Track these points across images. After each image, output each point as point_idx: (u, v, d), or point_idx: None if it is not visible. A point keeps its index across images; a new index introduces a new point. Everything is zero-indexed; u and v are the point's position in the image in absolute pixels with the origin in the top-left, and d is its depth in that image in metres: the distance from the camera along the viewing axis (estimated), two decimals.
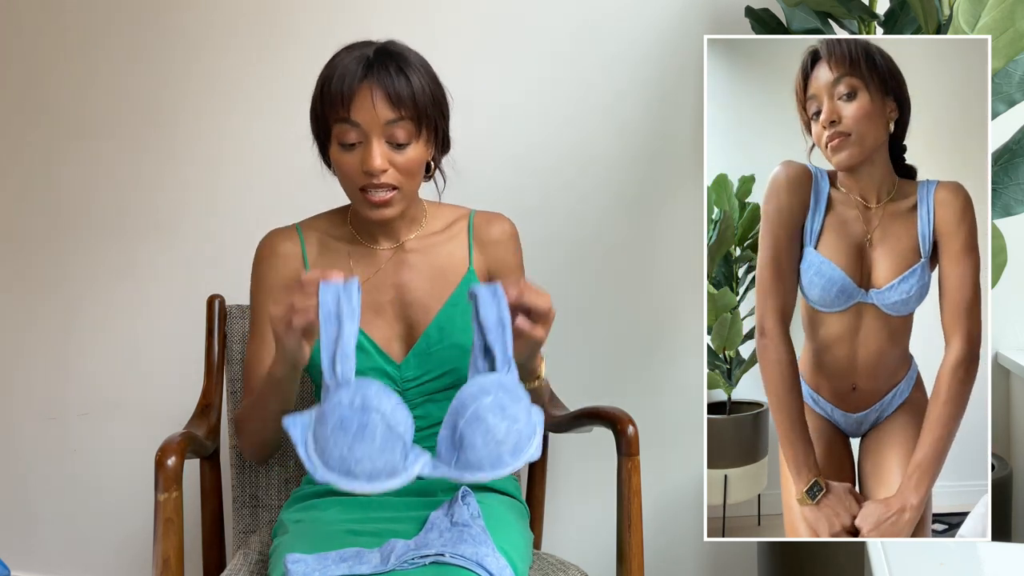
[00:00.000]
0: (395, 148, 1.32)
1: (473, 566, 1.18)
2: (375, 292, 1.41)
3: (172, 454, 1.27)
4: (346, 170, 1.34)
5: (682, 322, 1.97)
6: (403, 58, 1.33)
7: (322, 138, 1.38)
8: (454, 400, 1.11)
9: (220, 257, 2.14)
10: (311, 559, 1.19)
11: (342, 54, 1.35)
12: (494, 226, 1.48)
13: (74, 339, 2.27)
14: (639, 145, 1.96)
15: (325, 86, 1.32)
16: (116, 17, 2.20)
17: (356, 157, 1.32)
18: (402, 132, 1.31)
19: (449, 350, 1.40)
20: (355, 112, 1.30)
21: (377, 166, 1.31)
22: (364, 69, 1.31)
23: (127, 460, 2.23)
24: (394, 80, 1.30)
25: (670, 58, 1.94)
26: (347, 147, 1.33)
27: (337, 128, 1.32)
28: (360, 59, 1.32)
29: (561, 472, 2.02)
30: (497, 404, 1.10)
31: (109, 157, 2.22)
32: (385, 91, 1.30)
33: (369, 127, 1.30)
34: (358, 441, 1.05)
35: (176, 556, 1.26)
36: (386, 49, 1.34)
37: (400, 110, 1.30)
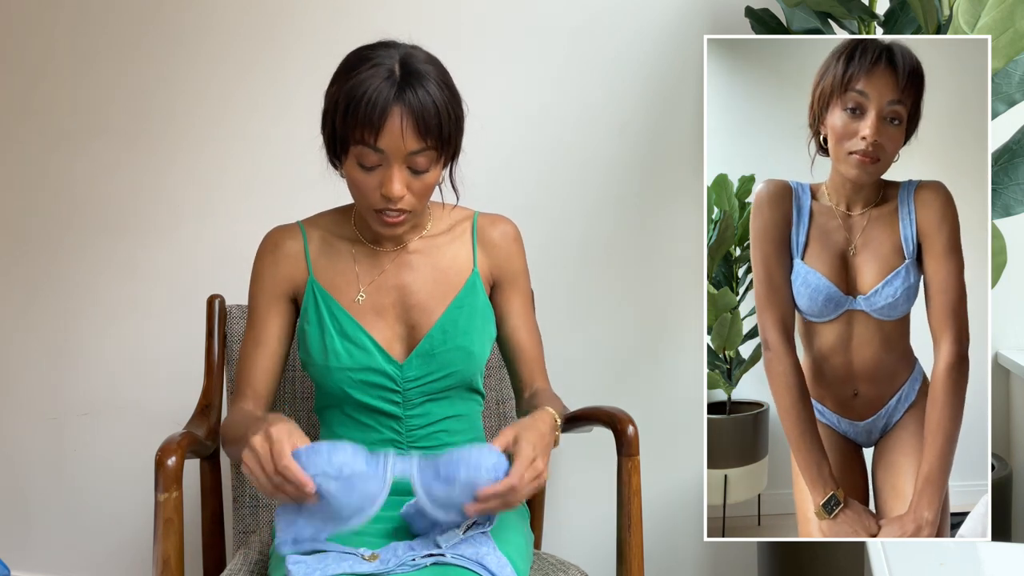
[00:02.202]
0: (414, 174, 1.31)
1: (474, 566, 1.18)
2: (377, 293, 1.41)
3: (172, 454, 1.27)
4: (362, 189, 1.31)
5: (682, 322, 1.97)
6: (429, 76, 1.29)
7: (336, 148, 1.33)
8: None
9: (220, 257, 2.14)
10: (312, 559, 1.20)
11: (364, 68, 1.28)
12: (498, 228, 1.48)
13: (74, 339, 2.27)
14: (639, 145, 1.96)
15: (351, 106, 1.26)
16: (116, 17, 2.20)
17: (375, 179, 1.30)
18: (424, 160, 1.29)
19: (452, 352, 1.40)
20: (382, 140, 1.26)
21: (397, 194, 1.29)
22: (394, 91, 1.25)
23: (127, 460, 2.23)
24: (423, 107, 1.26)
25: (670, 58, 1.94)
26: (366, 168, 1.29)
27: (358, 149, 1.28)
28: (387, 78, 1.26)
29: (561, 472, 2.02)
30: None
31: (109, 157, 2.22)
32: (414, 121, 1.26)
33: (393, 155, 1.28)
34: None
35: (176, 556, 1.26)
36: (412, 65, 1.29)
37: (426, 140, 1.28)
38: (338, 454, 1.14)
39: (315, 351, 1.39)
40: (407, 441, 1.40)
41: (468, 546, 1.21)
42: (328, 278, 1.42)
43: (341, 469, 1.13)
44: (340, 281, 1.42)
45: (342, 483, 1.14)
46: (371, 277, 1.42)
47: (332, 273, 1.42)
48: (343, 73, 1.30)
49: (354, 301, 1.40)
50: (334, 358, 1.37)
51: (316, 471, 1.13)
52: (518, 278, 1.49)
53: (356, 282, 1.42)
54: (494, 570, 1.19)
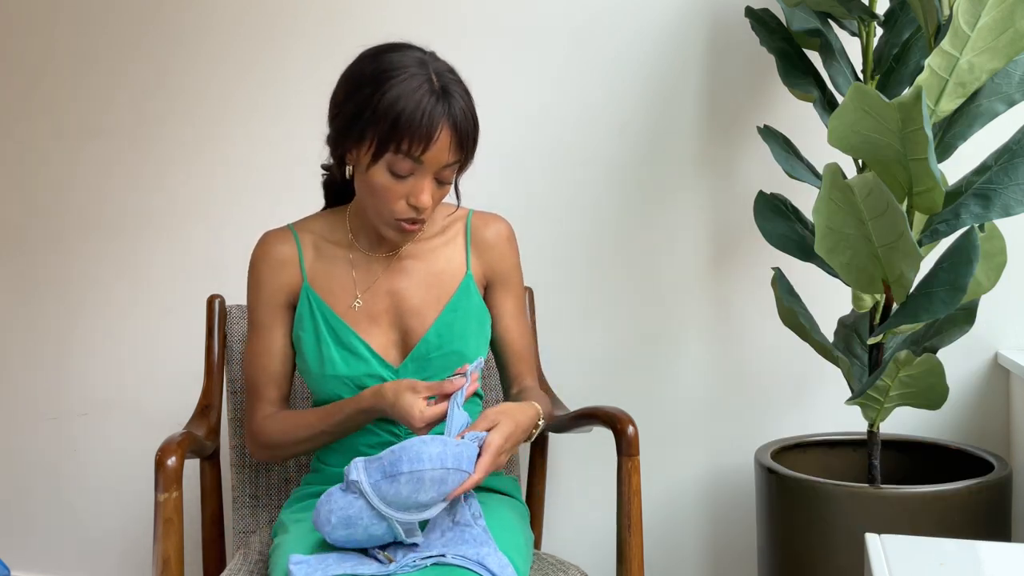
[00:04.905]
0: (438, 184, 1.32)
1: (474, 566, 1.18)
2: (372, 299, 1.41)
3: (172, 454, 1.27)
4: (387, 196, 1.30)
5: (682, 322, 1.97)
6: (460, 87, 1.30)
7: (355, 150, 1.31)
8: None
9: (220, 257, 2.14)
10: (313, 559, 1.20)
11: (400, 76, 1.26)
12: (491, 228, 1.48)
13: (74, 339, 2.27)
14: (639, 145, 1.96)
15: (401, 117, 1.24)
16: (116, 17, 2.20)
17: (404, 188, 1.30)
18: (450, 172, 1.31)
19: (448, 356, 1.40)
20: (429, 153, 1.26)
21: (426, 204, 1.30)
22: (444, 106, 1.26)
23: (127, 460, 2.23)
24: (466, 122, 1.28)
25: (670, 58, 1.94)
26: (398, 177, 1.29)
27: (395, 157, 1.27)
28: (431, 91, 1.26)
29: (561, 472, 2.02)
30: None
31: (109, 158, 2.22)
32: (459, 136, 1.27)
33: (430, 166, 1.28)
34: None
35: (176, 556, 1.26)
36: (445, 76, 1.29)
37: (461, 153, 1.29)
38: (325, 506, 1.20)
39: (311, 359, 1.39)
40: None
41: (469, 546, 1.21)
42: (323, 284, 1.42)
43: (339, 516, 1.18)
44: (335, 287, 1.42)
45: (349, 530, 1.19)
46: (367, 283, 1.42)
47: (327, 279, 1.42)
48: (375, 79, 1.28)
49: (350, 307, 1.40)
50: (330, 366, 1.38)
51: (324, 525, 1.19)
52: (511, 278, 1.49)
53: (352, 288, 1.42)
54: (495, 570, 1.19)
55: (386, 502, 1.17)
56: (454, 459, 1.18)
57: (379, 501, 1.17)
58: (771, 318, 1.91)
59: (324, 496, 1.21)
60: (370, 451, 1.40)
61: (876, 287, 1.48)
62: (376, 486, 1.17)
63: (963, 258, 1.40)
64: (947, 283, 1.41)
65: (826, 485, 1.52)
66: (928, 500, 1.46)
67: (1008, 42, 1.40)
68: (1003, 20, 1.39)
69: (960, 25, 1.39)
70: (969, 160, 1.63)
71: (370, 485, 1.17)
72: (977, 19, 1.39)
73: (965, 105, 1.49)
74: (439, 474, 1.16)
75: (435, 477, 1.16)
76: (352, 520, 1.18)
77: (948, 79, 1.43)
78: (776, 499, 1.60)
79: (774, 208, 1.65)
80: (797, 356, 1.90)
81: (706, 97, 1.93)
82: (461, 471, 1.19)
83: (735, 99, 1.92)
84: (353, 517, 1.18)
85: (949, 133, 1.51)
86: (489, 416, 1.26)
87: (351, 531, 1.18)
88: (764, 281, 1.90)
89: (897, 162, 1.39)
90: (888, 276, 1.45)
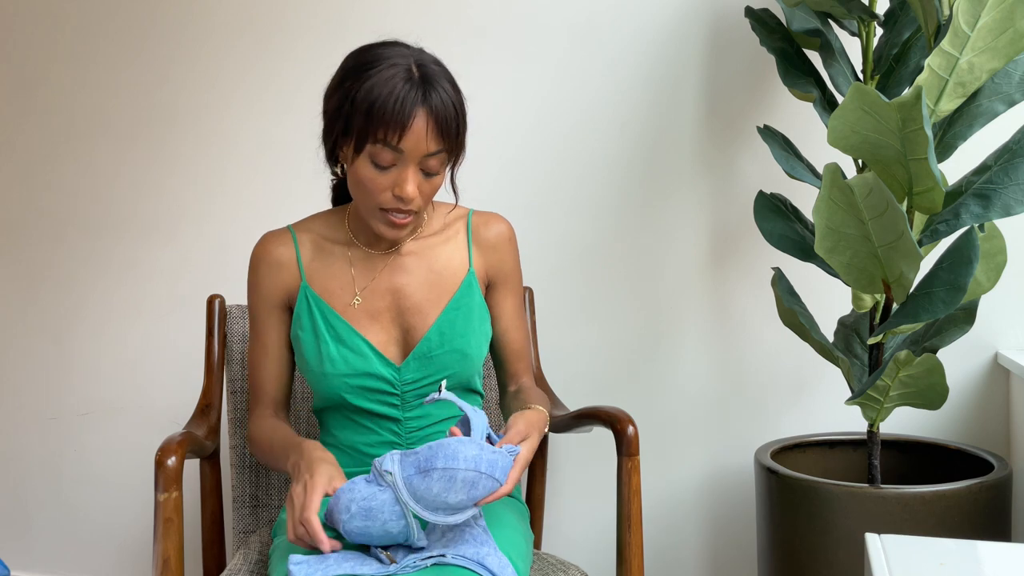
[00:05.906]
0: (425, 176, 1.31)
1: (474, 566, 1.18)
2: (372, 297, 1.41)
3: (172, 454, 1.27)
4: (372, 188, 1.30)
5: (682, 322, 1.97)
6: (443, 77, 1.30)
7: (342, 145, 1.32)
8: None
9: (220, 257, 2.14)
10: (313, 559, 1.19)
11: (380, 66, 1.27)
12: (492, 228, 1.48)
13: (74, 339, 2.27)
14: (639, 145, 1.96)
15: (375, 105, 1.25)
16: (116, 17, 2.20)
17: (387, 179, 1.30)
18: (436, 162, 1.30)
19: (450, 355, 1.40)
20: (405, 141, 1.26)
21: (411, 194, 1.29)
22: (419, 93, 1.26)
23: (127, 460, 2.23)
24: (445, 109, 1.27)
25: (670, 58, 1.94)
26: (380, 167, 1.29)
27: (375, 148, 1.28)
28: (408, 79, 1.26)
29: (561, 472, 2.02)
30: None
31: (109, 157, 2.22)
32: (437, 123, 1.27)
33: (411, 155, 1.28)
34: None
35: (176, 556, 1.26)
36: (427, 66, 1.29)
37: (444, 142, 1.28)
38: (347, 494, 1.18)
39: (311, 358, 1.39)
40: (406, 443, 1.40)
41: (469, 547, 1.21)
42: (322, 283, 1.42)
43: (360, 505, 1.17)
44: (334, 285, 1.42)
45: (367, 522, 1.17)
46: (366, 281, 1.42)
47: (326, 278, 1.42)
48: (356, 71, 1.29)
49: (349, 305, 1.40)
50: (330, 364, 1.37)
51: (342, 513, 1.18)
52: (512, 277, 1.49)
53: (352, 286, 1.41)
54: (495, 570, 1.19)
55: (415, 498, 1.16)
56: (488, 465, 1.16)
57: (407, 496, 1.16)
58: (771, 318, 1.91)
59: (347, 484, 1.19)
60: (371, 451, 1.40)
61: (876, 287, 1.48)
62: (408, 480, 1.16)
63: (963, 258, 1.40)
64: (947, 283, 1.41)
65: (826, 485, 1.52)
66: (928, 500, 1.47)
67: (1008, 42, 1.40)
68: (1003, 20, 1.39)
69: (960, 25, 1.39)
70: (969, 160, 1.63)
71: (403, 479, 1.16)
72: (977, 19, 1.39)
73: (965, 105, 1.49)
74: (471, 476, 1.15)
75: (467, 479, 1.15)
76: (373, 512, 1.16)
77: (948, 79, 1.43)
78: (776, 499, 1.61)
79: (774, 208, 1.65)
80: (797, 356, 1.90)
81: (706, 97, 1.93)
82: (493, 479, 1.17)
83: (735, 99, 1.92)
84: (375, 509, 1.16)
85: (949, 133, 1.51)
86: (521, 430, 1.27)
87: (368, 523, 1.17)
88: (764, 281, 1.90)
89: (897, 162, 1.39)
90: (888, 276, 1.45)
